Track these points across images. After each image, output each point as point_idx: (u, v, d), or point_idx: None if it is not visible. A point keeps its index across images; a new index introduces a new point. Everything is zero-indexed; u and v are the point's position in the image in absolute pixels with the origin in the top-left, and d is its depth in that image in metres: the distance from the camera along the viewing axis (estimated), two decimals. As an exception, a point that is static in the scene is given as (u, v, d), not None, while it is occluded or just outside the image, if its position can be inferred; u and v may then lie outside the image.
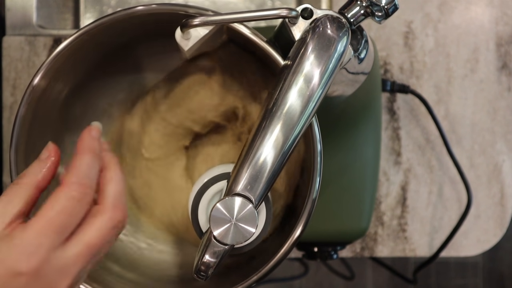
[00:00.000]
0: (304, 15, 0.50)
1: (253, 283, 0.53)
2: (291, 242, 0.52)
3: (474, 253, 0.89)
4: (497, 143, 0.88)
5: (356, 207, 0.76)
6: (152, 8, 0.54)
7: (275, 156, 0.47)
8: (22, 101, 0.55)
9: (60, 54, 0.55)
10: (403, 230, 0.88)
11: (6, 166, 0.88)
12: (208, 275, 0.49)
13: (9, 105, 0.88)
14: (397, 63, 0.88)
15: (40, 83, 0.55)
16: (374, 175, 0.77)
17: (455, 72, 0.88)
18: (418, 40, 0.88)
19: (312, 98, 0.47)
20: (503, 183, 0.88)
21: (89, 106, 0.62)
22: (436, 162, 0.88)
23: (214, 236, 0.47)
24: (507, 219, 0.88)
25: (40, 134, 0.58)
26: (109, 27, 0.54)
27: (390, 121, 0.88)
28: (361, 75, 0.60)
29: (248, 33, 0.53)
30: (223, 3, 1.00)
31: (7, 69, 0.88)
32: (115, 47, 0.58)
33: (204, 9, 0.53)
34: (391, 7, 0.50)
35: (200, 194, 0.56)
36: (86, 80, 0.60)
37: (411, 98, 0.88)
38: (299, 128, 0.47)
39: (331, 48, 0.47)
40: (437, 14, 0.88)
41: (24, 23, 0.90)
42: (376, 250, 0.88)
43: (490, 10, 0.88)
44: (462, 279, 1.69)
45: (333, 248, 0.80)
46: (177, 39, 0.53)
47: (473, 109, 0.88)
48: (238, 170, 0.47)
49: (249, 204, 0.47)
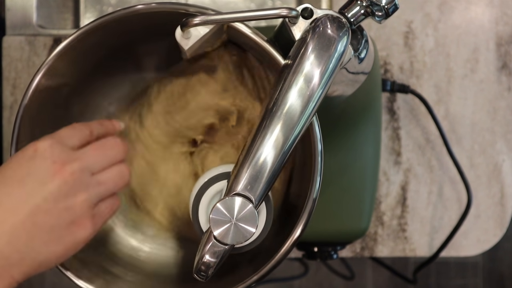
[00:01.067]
0: (304, 15, 0.50)
1: (253, 283, 0.53)
2: (291, 242, 0.52)
3: (474, 253, 0.89)
4: (497, 143, 0.88)
5: (356, 207, 0.76)
6: (152, 7, 0.54)
7: (275, 156, 0.47)
8: (23, 100, 0.55)
9: (60, 54, 0.55)
10: (403, 230, 0.88)
11: (6, 166, 0.88)
12: (208, 275, 0.49)
13: (9, 105, 0.88)
14: (397, 63, 0.88)
15: (40, 82, 0.55)
16: (374, 175, 0.77)
17: (455, 72, 0.88)
18: (418, 40, 0.88)
19: (312, 98, 0.47)
20: (503, 183, 0.88)
21: (89, 105, 0.62)
22: (436, 162, 0.88)
23: (214, 236, 0.47)
24: (507, 219, 0.88)
25: (40, 133, 0.57)
26: (109, 26, 0.54)
27: (390, 121, 0.88)
28: (361, 75, 0.60)
29: (248, 33, 0.53)
30: (224, 2, 1.00)
31: (7, 69, 0.88)
32: (115, 46, 0.58)
33: (205, 8, 0.53)
34: (391, 7, 0.50)
35: (201, 194, 0.56)
36: (86, 79, 0.60)
37: (411, 98, 0.88)
38: (299, 128, 0.47)
39: (331, 48, 0.47)
40: (437, 14, 0.88)
41: (24, 23, 0.90)
42: (376, 250, 0.88)
43: (490, 10, 0.88)
44: (462, 279, 1.69)
45: (333, 248, 0.80)
46: (177, 38, 0.53)
47: (473, 109, 0.88)
48: (238, 170, 0.47)
49: (249, 204, 0.47)
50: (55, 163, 0.47)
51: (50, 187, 0.46)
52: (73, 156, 0.48)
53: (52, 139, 0.49)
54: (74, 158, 0.48)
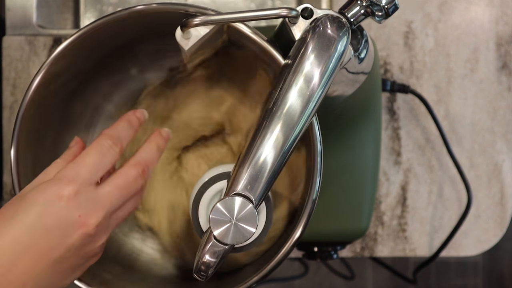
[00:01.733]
0: (304, 15, 0.50)
1: (254, 283, 0.53)
2: (291, 242, 0.52)
3: (474, 253, 0.89)
4: (497, 143, 0.88)
5: (356, 207, 0.76)
6: (153, 8, 0.54)
7: (275, 156, 0.47)
8: (23, 101, 0.55)
9: (60, 54, 0.55)
10: (403, 230, 0.88)
11: (6, 166, 0.88)
12: (208, 275, 0.49)
13: (9, 104, 0.88)
14: (397, 63, 0.88)
15: (41, 83, 0.55)
16: (374, 175, 0.77)
17: (455, 72, 0.88)
18: (418, 40, 0.88)
19: (312, 98, 0.47)
20: (503, 183, 0.88)
21: (89, 105, 0.62)
22: (436, 162, 0.88)
23: (214, 236, 0.47)
24: (507, 219, 0.88)
25: (40, 134, 0.58)
26: (109, 27, 0.54)
27: (390, 121, 0.88)
28: (361, 75, 0.60)
29: (248, 33, 0.53)
30: (223, 2, 1.00)
31: (7, 69, 0.88)
32: (115, 46, 0.58)
33: (205, 9, 0.53)
34: (391, 7, 0.50)
35: (200, 194, 0.56)
36: (86, 80, 0.60)
37: (411, 98, 0.88)
38: (299, 128, 0.47)
39: (331, 47, 0.47)
40: (437, 14, 0.88)
41: (24, 23, 0.90)
42: (376, 250, 0.88)
43: (490, 10, 0.88)
44: (462, 279, 1.69)
45: (333, 248, 0.80)
46: (178, 39, 0.53)
47: (473, 109, 0.88)
48: (238, 170, 0.47)
49: (249, 204, 0.47)
50: (81, 217, 0.47)
51: (73, 239, 0.47)
52: (98, 203, 0.47)
53: (76, 183, 0.47)
54: (99, 207, 0.47)
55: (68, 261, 0.47)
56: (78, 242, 0.47)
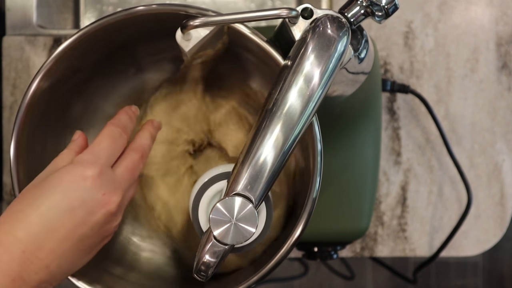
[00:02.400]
0: (304, 15, 0.50)
1: (254, 283, 0.53)
2: (291, 242, 0.52)
3: (474, 253, 0.89)
4: (497, 143, 0.88)
5: (356, 207, 0.76)
6: (153, 8, 0.54)
7: (275, 156, 0.47)
8: (23, 101, 0.55)
9: (60, 55, 0.55)
10: (403, 230, 0.88)
11: (6, 166, 0.88)
12: (208, 275, 0.49)
13: (9, 105, 0.88)
14: (397, 63, 0.88)
15: (41, 83, 0.55)
16: (374, 175, 0.77)
17: (455, 72, 0.88)
18: (418, 40, 0.88)
19: (312, 98, 0.47)
20: (503, 183, 0.88)
21: (89, 106, 0.62)
22: (436, 162, 0.88)
23: (214, 236, 0.47)
24: (507, 219, 0.88)
25: (40, 134, 0.58)
26: (109, 27, 0.54)
27: (390, 121, 0.88)
28: (361, 75, 0.60)
29: (248, 33, 0.53)
30: (223, 3, 1.00)
31: (7, 69, 0.88)
32: (115, 47, 0.58)
33: (205, 10, 0.53)
34: (391, 7, 0.50)
35: (200, 194, 0.56)
36: (86, 81, 0.60)
37: (411, 98, 0.88)
38: (299, 128, 0.47)
39: (331, 48, 0.47)
40: (437, 14, 0.88)
41: (24, 23, 0.90)
42: (376, 250, 0.88)
43: (490, 10, 0.88)
44: (462, 279, 1.69)
45: (333, 248, 0.80)
46: (178, 40, 0.53)
47: (473, 109, 0.88)
48: (238, 170, 0.47)
49: (249, 204, 0.47)
50: (105, 195, 0.50)
51: (98, 217, 0.50)
52: (116, 184, 0.51)
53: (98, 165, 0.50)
54: (117, 187, 0.51)
55: (89, 240, 0.50)
56: (102, 219, 0.50)
